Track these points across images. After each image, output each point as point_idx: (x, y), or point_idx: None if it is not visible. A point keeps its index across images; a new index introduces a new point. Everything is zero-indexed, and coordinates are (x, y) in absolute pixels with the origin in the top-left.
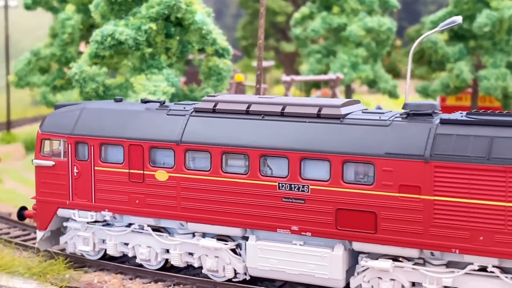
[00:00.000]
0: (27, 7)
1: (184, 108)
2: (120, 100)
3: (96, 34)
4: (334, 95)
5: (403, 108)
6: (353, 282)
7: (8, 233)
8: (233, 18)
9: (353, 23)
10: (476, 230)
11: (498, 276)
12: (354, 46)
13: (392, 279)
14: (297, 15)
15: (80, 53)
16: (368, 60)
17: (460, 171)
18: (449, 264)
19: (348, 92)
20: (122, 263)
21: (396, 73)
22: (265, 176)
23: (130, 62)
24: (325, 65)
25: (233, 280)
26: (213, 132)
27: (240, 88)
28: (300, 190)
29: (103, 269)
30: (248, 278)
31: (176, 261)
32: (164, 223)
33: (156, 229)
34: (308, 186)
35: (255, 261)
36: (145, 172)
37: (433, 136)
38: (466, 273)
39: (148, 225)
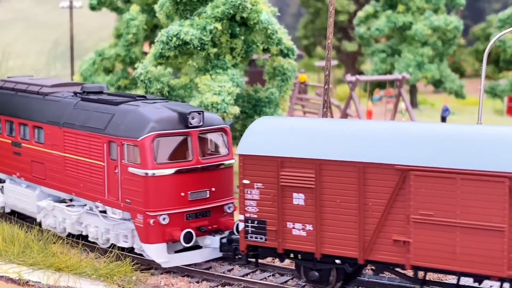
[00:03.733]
0: (92, 8)
1: None
2: None
3: (162, 35)
4: (399, 95)
5: (81, 90)
6: (38, 217)
7: None
8: (293, 17)
9: (419, 22)
10: (79, 179)
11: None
12: (419, 45)
13: (54, 216)
14: (361, 14)
15: (144, 53)
16: (434, 60)
17: (76, 136)
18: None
19: (413, 92)
20: (189, 266)
21: (460, 73)
22: (8, 136)
23: (194, 62)
24: (390, 64)
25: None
26: None
27: (302, 87)
28: (18, 146)
29: (170, 272)
30: (8, 210)
31: None
32: None
33: None
34: (21, 143)
35: (7, 198)
36: None
37: (71, 109)
38: (86, 212)
39: None
